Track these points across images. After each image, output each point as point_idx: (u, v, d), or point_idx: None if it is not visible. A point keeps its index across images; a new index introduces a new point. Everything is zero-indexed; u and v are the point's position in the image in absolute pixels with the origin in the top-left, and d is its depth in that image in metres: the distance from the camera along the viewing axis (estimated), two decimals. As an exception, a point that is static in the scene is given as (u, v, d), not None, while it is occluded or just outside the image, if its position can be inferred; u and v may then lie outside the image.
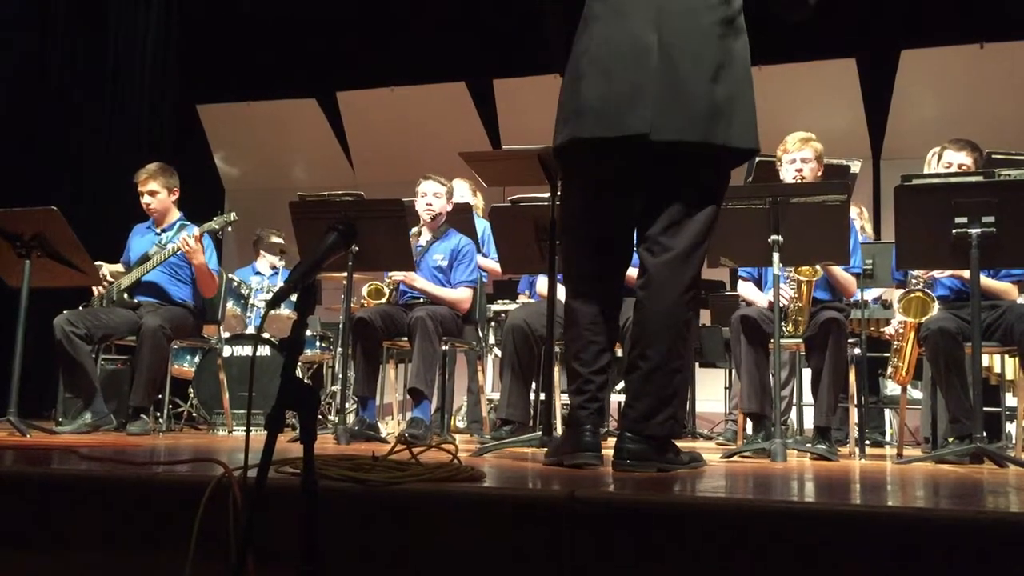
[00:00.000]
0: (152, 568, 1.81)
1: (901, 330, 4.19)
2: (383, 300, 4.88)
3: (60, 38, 8.17)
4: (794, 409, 5.33)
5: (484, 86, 8.78)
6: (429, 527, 1.71)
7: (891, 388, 5.72)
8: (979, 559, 1.46)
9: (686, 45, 2.55)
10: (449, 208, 5.03)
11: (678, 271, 2.58)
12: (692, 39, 2.55)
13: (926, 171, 4.26)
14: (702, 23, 2.57)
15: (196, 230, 4.84)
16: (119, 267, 5.05)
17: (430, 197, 4.93)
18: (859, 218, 5.78)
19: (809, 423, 4.60)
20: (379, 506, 1.74)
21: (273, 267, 6.58)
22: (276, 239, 6.49)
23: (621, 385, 5.58)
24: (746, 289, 4.31)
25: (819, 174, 4.18)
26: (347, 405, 5.03)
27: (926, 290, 4.00)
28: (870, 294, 5.23)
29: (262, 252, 6.76)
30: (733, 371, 5.74)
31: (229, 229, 4.98)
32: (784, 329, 3.95)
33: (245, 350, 5.68)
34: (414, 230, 4.66)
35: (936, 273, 4.03)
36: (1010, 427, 4.86)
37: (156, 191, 4.99)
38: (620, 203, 2.69)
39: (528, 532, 1.66)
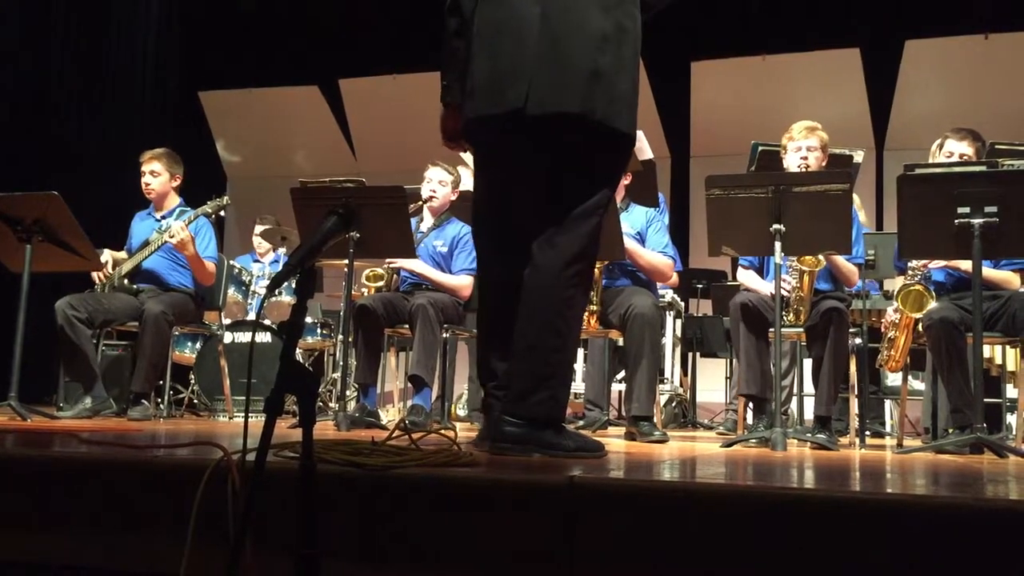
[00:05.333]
0: (152, 550, 1.81)
1: (896, 320, 4.19)
2: (382, 283, 4.88)
3: (61, 24, 8.15)
4: (795, 398, 5.33)
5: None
6: (427, 512, 1.71)
7: (891, 379, 5.72)
8: (978, 546, 1.46)
9: (569, 16, 2.48)
10: (454, 197, 5.02)
11: (557, 245, 2.49)
12: (575, 10, 2.49)
13: (931, 162, 4.25)
14: None
15: (185, 216, 4.85)
16: (123, 254, 5.05)
17: (434, 184, 4.92)
18: (860, 211, 5.77)
19: (809, 413, 4.61)
20: (377, 490, 1.74)
21: (262, 255, 6.61)
22: (265, 225, 6.50)
23: (621, 375, 5.60)
24: (747, 277, 4.30)
25: (824, 164, 4.17)
26: (348, 392, 5.04)
27: (924, 283, 4.00)
28: (876, 288, 5.22)
29: (258, 241, 6.76)
30: (734, 361, 5.74)
31: (222, 213, 4.98)
32: (785, 318, 3.95)
33: (246, 336, 5.68)
34: (413, 206, 4.66)
35: (931, 265, 4.02)
36: (1010, 418, 4.86)
37: (157, 172, 4.98)
38: (521, 182, 2.61)
39: (526, 518, 1.66)
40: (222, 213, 4.98)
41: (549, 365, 2.46)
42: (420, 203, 4.87)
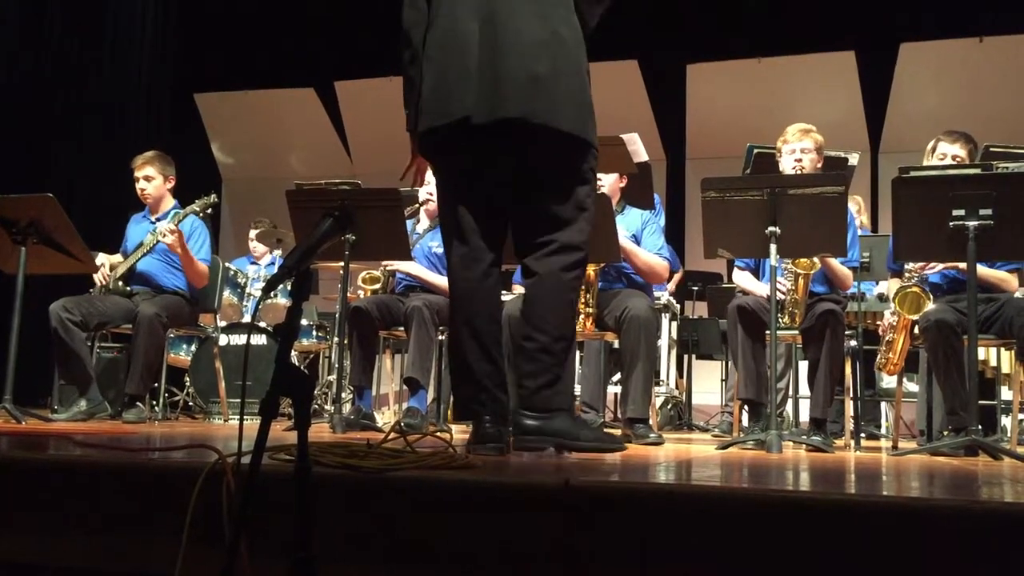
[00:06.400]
0: (146, 553, 1.80)
1: (894, 323, 4.19)
2: (378, 286, 4.88)
3: (58, 26, 8.13)
4: (790, 401, 5.33)
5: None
6: (423, 515, 1.71)
7: (887, 381, 5.73)
8: (973, 548, 1.46)
9: (506, 26, 2.59)
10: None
11: (554, 254, 2.63)
12: (512, 20, 2.59)
13: (924, 164, 4.26)
14: (521, 8, 2.60)
15: (173, 216, 4.83)
16: (118, 257, 5.04)
17: (432, 186, 4.91)
18: (859, 214, 5.77)
19: (805, 415, 4.61)
20: (373, 493, 1.74)
21: (258, 258, 6.62)
22: (260, 228, 6.51)
23: (617, 377, 5.59)
24: (742, 278, 4.30)
25: (819, 166, 4.18)
26: (343, 395, 5.03)
27: (922, 286, 4.00)
28: (872, 288, 5.22)
29: (254, 244, 6.77)
30: (729, 363, 5.75)
31: (210, 211, 4.97)
32: (781, 321, 3.95)
33: (242, 339, 5.68)
34: (410, 209, 4.66)
35: (928, 271, 4.03)
36: (1005, 420, 4.86)
37: (152, 176, 4.98)
38: (478, 189, 2.72)
39: (522, 520, 1.66)
40: (210, 211, 4.97)
41: (560, 364, 2.63)
42: (416, 205, 4.87)
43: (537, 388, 2.59)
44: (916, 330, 3.95)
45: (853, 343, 4.25)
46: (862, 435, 4.70)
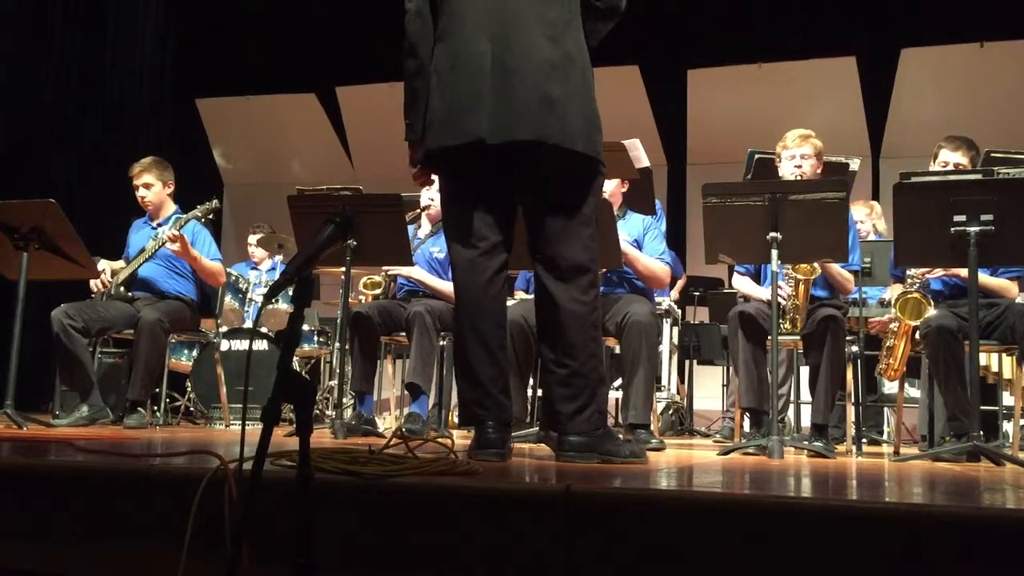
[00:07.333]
0: (148, 559, 1.80)
1: (895, 328, 4.19)
2: (379, 291, 4.88)
3: (59, 32, 8.15)
4: (791, 406, 5.32)
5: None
6: (424, 521, 1.71)
7: (888, 386, 5.72)
8: (975, 554, 1.46)
9: (519, 49, 2.63)
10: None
11: (572, 282, 2.68)
12: (523, 42, 2.64)
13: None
14: (532, 28, 2.64)
15: (175, 221, 4.83)
16: (121, 263, 5.04)
17: (433, 191, 4.91)
18: (868, 217, 5.77)
19: (806, 420, 4.60)
20: (374, 499, 1.74)
21: (258, 263, 6.64)
22: (260, 234, 6.53)
23: (618, 382, 5.59)
24: (742, 283, 4.30)
25: (819, 171, 4.18)
26: (344, 400, 5.02)
27: (923, 291, 4.00)
28: (880, 292, 5.22)
29: (253, 250, 6.80)
30: (730, 368, 5.74)
31: (211, 216, 4.97)
32: (782, 326, 3.95)
33: (243, 344, 5.68)
34: (411, 214, 4.66)
35: (930, 275, 4.03)
36: (1007, 426, 4.86)
37: (151, 183, 4.98)
38: (485, 198, 2.76)
39: (523, 526, 1.66)
40: (211, 216, 4.97)
41: (591, 383, 2.67)
42: (418, 211, 4.87)
43: (575, 410, 2.64)
44: (917, 336, 3.95)
45: (854, 348, 4.24)
46: (863, 441, 4.69)
